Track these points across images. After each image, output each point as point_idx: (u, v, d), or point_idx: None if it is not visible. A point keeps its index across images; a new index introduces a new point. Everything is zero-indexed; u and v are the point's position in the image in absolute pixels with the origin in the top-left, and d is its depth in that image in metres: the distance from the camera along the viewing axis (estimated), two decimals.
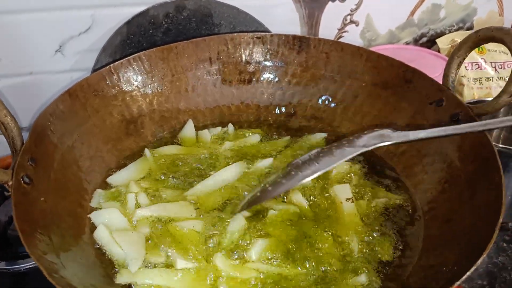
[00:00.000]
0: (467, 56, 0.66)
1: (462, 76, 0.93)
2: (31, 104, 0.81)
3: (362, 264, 0.56)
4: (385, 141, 0.58)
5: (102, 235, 0.58)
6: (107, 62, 0.79)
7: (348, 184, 0.65)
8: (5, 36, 0.76)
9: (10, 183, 0.51)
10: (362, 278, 0.54)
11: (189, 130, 0.76)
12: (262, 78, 0.81)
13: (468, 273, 0.46)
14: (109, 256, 0.57)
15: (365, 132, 0.61)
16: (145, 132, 0.75)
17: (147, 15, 0.80)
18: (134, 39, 0.81)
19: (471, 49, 0.65)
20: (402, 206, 0.64)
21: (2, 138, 0.58)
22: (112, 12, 0.79)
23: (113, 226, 0.60)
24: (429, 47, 0.99)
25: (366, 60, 0.75)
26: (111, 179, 0.67)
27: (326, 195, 0.64)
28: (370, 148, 0.58)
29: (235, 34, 0.79)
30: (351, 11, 0.91)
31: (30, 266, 0.66)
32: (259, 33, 0.80)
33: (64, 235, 0.55)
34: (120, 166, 0.70)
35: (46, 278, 0.45)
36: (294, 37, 0.79)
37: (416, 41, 0.99)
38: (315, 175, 0.56)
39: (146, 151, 0.71)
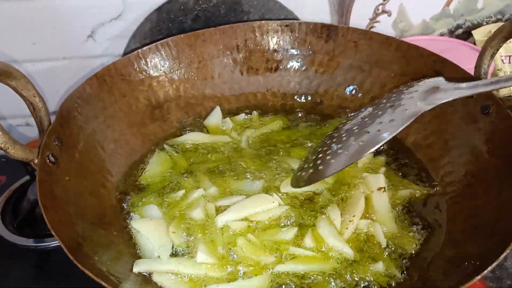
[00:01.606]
0: (501, 46, 0.63)
1: (498, 70, 0.90)
2: (61, 88, 0.83)
3: (383, 253, 0.55)
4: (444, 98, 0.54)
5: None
6: (137, 48, 0.80)
7: (382, 174, 0.64)
8: (39, 21, 0.78)
9: (36, 161, 0.52)
10: (380, 267, 0.53)
11: (215, 117, 0.76)
12: (289, 66, 0.80)
13: (489, 269, 0.44)
14: (133, 240, 0.58)
15: (412, 84, 0.58)
16: (171, 117, 0.75)
17: (177, 2, 0.80)
18: (163, 25, 0.81)
19: (506, 39, 0.62)
20: (426, 198, 0.63)
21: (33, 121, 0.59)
22: None
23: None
24: (465, 39, 0.96)
25: (396, 50, 0.73)
26: (143, 180, 0.66)
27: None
28: (432, 106, 0.54)
29: (263, 21, 0.78)
30: (384, 0, 0.89)
31: (57, 244, 0.68)
32: (287, 20, 0.79)
33: (86, 214, 0.56)
34: (144, 150, 0.71)
35: None
36: (323, 25, 0.78)
37: (451, 33, 0.96)
38: (385, 141, 0.52)
39: (166, 147, 0.72)
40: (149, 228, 0.57)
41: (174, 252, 0.56)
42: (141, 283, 0.52)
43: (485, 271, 0.45)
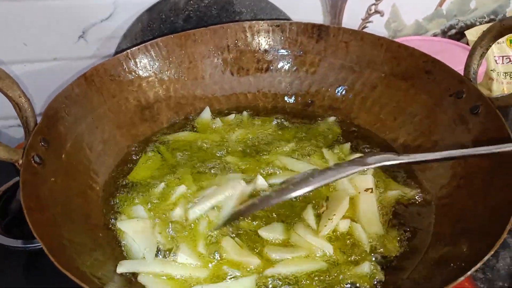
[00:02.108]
0: (490, 46, 0.63)
1: (492, 70, 0.90)
2: (53, 89, 0.83)
3: (367, 255, 0.55)
4: (389, 160, 0.54)
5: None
6: (128, 48, 0.80)
7: (370, 175, 0.63)
8: (30, 22, 0.78)
9: (20, 161, 0.52)
10: (365, 268, 0.53)
11: (205, 116, 0.76)
12: (279, 67, 0.80)
13: (473, 269, 0.44)
14: (119, 242, 0.58)
15: (369, 154, 0.57)
16: (161, 118, 0.75)
17: (168, 2, 0.80)
18: (155, 26, 0.81)
19: (496, 38, 0.62)
20: (415, 200, 0.62)
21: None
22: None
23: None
24: (458, 40, 0.96)
25: (386, 50, 0.73)
26: (131, 178, 0.66)
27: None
28: (371, 166, 0.54)
29: (254, 21, 0.78)
30: (376, 0, 0.88)
31: None
32: (278, 21, 0.79)
33: (72, 215, 0.56)
34: (133, 151, 0.71)
35: None
36: (314, 25, 0.77)
37: (444, 33, 0.96)
38: (307, 189, 0.51)
39: (155, 146, 0.72)
40: (135, 229, 0.57)
41: (160, 252, 0.56)
42: (125, 284, 0.52)
43: (469, 272, 0.44)
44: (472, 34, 0.93)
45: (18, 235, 0.69)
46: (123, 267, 0.53)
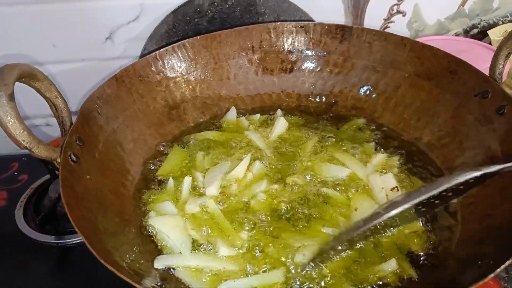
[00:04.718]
0: None
1: None
2: (82, 89, 0.85)
3: (395, 252, 0.56)
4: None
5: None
6: (154, 50, 0.82)
7: (390, 173, 0.64)
8: (59, 24, 0.80)
9: (59, 160, 0.54)
10: (392, 265, 0.54)
11: (231, 116, 0.78)
12: (303, 67, 0.81)
13: (502, 267, 0.45)
14: (152, 237, 0.60)
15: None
16: (187, 117, 0.77)
17: (193, 4, 0.81)
18: (179, 27, 0.83)
19: None
20: None
21: (55, 121, 0.61)
22: (160, 1, 0.81)
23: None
24: (480, 39, 0.95)
25: (410, 50, 0.74)
26: (160, 174, 0.68)
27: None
28: (463, 179, 0.50)
29: (278, 23, 0.79)
30: (398, 0, 0.89)
31: (77, 241, 0.70)
32: (302, 22, 0.80)
33: (107, 212, 0.57)
34: (161, 149, 0.72)
35: (90, 252, 0.47)
36: (337, 26, 0.78)
37: (466, 33, 0.96)
38: (400, 209, 0.49)
39: (187, 137, 0.74)
40: (168, 225, 0.59)
41: (193, 247, 0.58)
42: (162, 278, 0.53)
43: (499, 270, 0.45)
44: (494, 34, 0.93)
45: (51, 231, 0.71)
46: (160, 262, 0.55)
